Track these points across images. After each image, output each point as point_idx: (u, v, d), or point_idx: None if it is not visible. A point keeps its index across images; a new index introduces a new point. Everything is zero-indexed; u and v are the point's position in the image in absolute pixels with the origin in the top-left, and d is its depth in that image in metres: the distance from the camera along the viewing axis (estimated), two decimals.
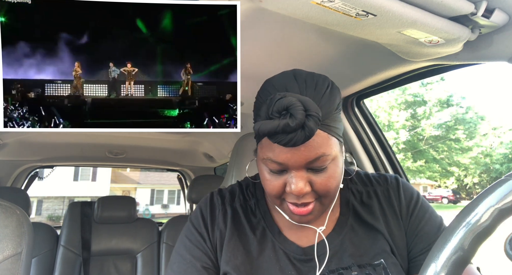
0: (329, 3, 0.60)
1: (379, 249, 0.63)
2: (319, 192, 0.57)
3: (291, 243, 0.64)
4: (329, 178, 0.57)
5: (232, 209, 0.68)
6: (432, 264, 0.35)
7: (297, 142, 0.52)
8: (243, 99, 1.36)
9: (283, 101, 0.51)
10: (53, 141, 2.08)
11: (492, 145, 18.46)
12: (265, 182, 0.60)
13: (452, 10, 0.65)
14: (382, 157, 1.30)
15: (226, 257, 0.63)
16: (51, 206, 17.99)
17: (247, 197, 0.71)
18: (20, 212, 0.78)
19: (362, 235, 0.65)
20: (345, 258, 0.62)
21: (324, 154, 0.55)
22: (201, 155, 2.57)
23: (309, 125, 0.51)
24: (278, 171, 0.57)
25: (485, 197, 0.35)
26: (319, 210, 0.60)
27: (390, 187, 0.70)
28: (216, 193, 0.72)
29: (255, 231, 0.66)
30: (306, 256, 0.63)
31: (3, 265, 0.71)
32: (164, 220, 2.61)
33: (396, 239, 0.65)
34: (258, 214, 0.68)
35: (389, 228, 0.65)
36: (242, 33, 0.65)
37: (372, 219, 0.66)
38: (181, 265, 0.64)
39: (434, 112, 18.16)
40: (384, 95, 17.02)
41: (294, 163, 0.55)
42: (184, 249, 0.66)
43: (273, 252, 0.63)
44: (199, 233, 0.66)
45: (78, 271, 1.76)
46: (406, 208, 0.67)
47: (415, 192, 0.70)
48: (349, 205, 0.68)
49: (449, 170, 18.59)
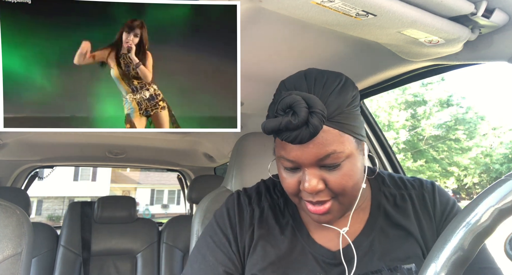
0: (329, 3, 0.60)
1: (411, 252, 0.61)
2: (334, 190, 0.56)
3: (320, 247, 0.63)
4: (344, 176, 0.55)
5: (260, 209, 0.67)
6: (432, 264, 0.35)
7: (303, 139, 0.52)
8: (243, 99, 1.37)
9: (287, 99, 0.52)
10: (53, 141, 2.08)
11: (492, 145, 18.46)
12: (282, 180, 0.60)
13: (452, 10, 0.65)
14: (382, 157, 1.30)
15: (254, 260, 0.62)
16: (51, 206, 17.99)
17: (274, 196, 0.70)
18: (20, 212, 0.78)
19: (393, 237, 0.63)
20: (374, 261, 0.61)
21: (335, 151, 0.54)
22: (201, 155, 2.57)
23: (313, 122, 0.51)
24: (292, 169, 0.57)
25: (485, 197, 0.35)
26: (338, 210, 0.59)
27: (426, 192, 0.69)
28: (243, 193, 0.71)
29: (284, 232, 0.65)
30: (336, 260, 0.62)
31: (3, 265, 0.71)
32: (164, 220, 2.61)
33: (429, 244, 0.63)
34: (286, 214, 0.67)
35: (423, 232, 0.64)
36: (242, 33, 0.65)
37: (405, 221, 0.65)
38: (202, 266, 0.63)
39: (434, 112, 18.16)
40: (384, 95, 17.02)
41: (304, 160, 0.55)
42: (207, 249, 0.65)
43: (302, 255, 0.63)
44: (224, 235, 0.65)
45: (78, 271, 1.76)
46: (440, 214, 0.66)
47: (451, 199, 0.69)
48: (380, 207, 0.67)
49: (449, 170, 18.59)
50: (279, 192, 0.70)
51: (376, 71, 1.02)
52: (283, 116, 0.52)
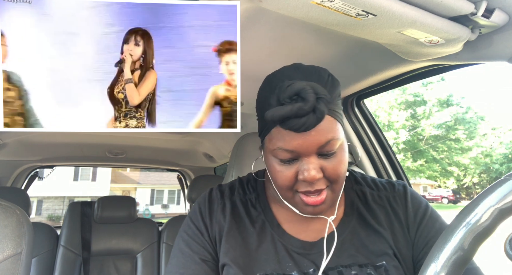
0: (329, 3, 0.60)
1: (381, 251, 0.62)
2: (331, 177, 0.58)
3: (290, 237, 0.64)
4: (339, 162, 0.58)
5: (231, 203, 0.69)
6: (432, 264, 0.35)
7: (309, 126, 0.53)
8: (243, 99, 1.37)
9: (294, 87, 0.53)
10: (53, 141, 2.08)
11: (492, 145, 18.46)
12: (276, 174, 0.60)
13: (452, 10, 0.65)
14: (382, 157, 1.30)
15: (225, 249, 0.63)
16: (51, 206, 17.99)
17: (247, 191, 0.71)
18: (20, 212, 0.78)
19: (364, 238, 0.64)
20: (344, 258, 0.61)
21: (333, 138, 0.56)
22: (201, 155, 2.57)
23: (320, 108, 0.53)
24: (289, 160, 0.58)
25: (485, 197, 0.36)
26: (331, 198, 0.60)
27: (397, 194, 0.69)
28: (216, 188, 0.72)
29: (254, 224, 0.66)
30: (305, 250, 0.63)
31: (3, 265, 0.71)
32: (164, 220, 2.61)
33: (400, 246, 0.64)
34: (258, 208, 0.68)
35: (393, 233, 0.65)
36: (242, 33, 0.65)
37: (375, 223, 0.65)
38: (180, 259, 0.64)
39: (434, 112, 18.17)
40: (384, 95, 17.03)
41: (306, 149, 0.55)
42: (182, 243, 0.66)
43: (272, 245, 0.63)
44: (196, 227, 0.67)
45: (78, 271, 1.76)
46: (413, 217, 0.66)
47: (423, 202, 0.69)
48: (354, 206, 0.68)
49: (449, 170, 18.59)
50: (251, 188, 0.72)
51: (376, 71, 1.02)
52: (293, 103, 0.53)
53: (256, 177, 0.74)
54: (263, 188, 0.71)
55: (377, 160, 1.30)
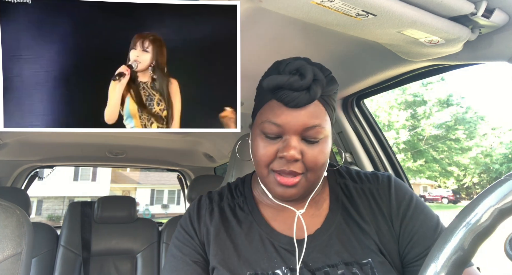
0: (329, 3, 0.60)
1: (367, 248, 0.62)
2: (308, 164, 0.59)
3: (278, 234, 0.65)
4: (319, 152, 0.59)
5: (219, 208, 0.70)
6: (432, 264, 0.35)
7: (299, 102, 0.56)
8: (243, 99, 1.37)
9: (296, 62, 0.58)
10: (53, 141, 2.08)
11: (492, 145, 18.46)
12: (257, 149, 0.61)
13: (452, 10, 0.65)
14: (382, 157, 1.30)
15: (214, 252, 0.64)
16: (51, 206, 17.99)
17: (235, 196, 0.72)
18: (20, 212, 0.78)
19: (350, 233, 0.64)
20: (331, 255, 0.61)
21: (320, 125, 0.58)
22: (201, 155, 2.57)
23: (314, 88, 0.56)
24: (274, 136, 0.60)
25: (485, 197, 0.35)
26: (304, 186, 0.61)
27: (380, 187, 0.69)
28: (205, 195, 0.74)
29: (242, 225, 0.66)
30: (291, 247, 0.63)
31: (3, 265, 0.71)
32: (164, 220, 2.61)
33: (385, 241, 0.63)
34: (246, 210, 0.69)
35: (378, 227, 0.64)
36: (242, 33, 0.65)
37: (360, 218, 0.65)
38: (172, 263, 0.65)
39: (434, 112, 18.16)
40: (384, 95, 17.03)
41: (292, 127, 0.58)
42: (174, 249, 0.67)
43: (260, 243, 0.64)
44: (186, 232, 0.68)
45: (78, 271, 1.76)
46: (396, 209, 0.66)
47: (408, 192, 0.68)
48: (339, 201, 0.68)
49: (449, 170, 18.59)
50: (239, 192, 0.73)
51: (376, 71, 1.02)
52: (290, 75, 0.56)
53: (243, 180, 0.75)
54: (250, 190, 0.72)
55: (377, 160, 1.30)
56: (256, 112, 0.65)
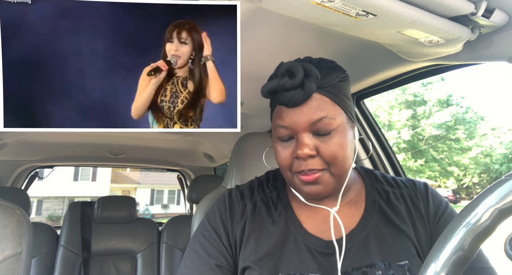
0: (329, 3, 0.60)
1: (405, 250, 0.62)
2: (326, 158, 0.59)
3: (312, 236, 0.64)
4: (335, 145, 0.59)
5: (252, 204, 0.68)
6: (432, 264, 0.35)
7: (297, 100, 0.57)
8: (243, 99, 1.37)
9: (285, 64, 0.60)
10: (53, 141, 2.08)
11: (492, 146, 18.46)
12: (277, 154, 0.62)
13: (452, 10, 0.65)
14: (382, 157, 1.30)
15: (247, 252, 0.63)
16: (51, 206, 17.98)
17: (267, 190, 0.71)
18: (20, 212, 0.78)
19: (387, 234, 0.64)
20: (369, 255, 0.61)
21: (327, 116, 0.58)
22: (201, 155, 2.57)
23: (308, 84, 0.57)
24: (287, 138, 0.61)
25: (485, 197, 0.35)
26: (329, 182, 0.60)
27: (419, 192, 0.69)
28: (235, 189, 0.72)
29: (277, 223, 0.65)
30: (328, 249, 0.62)
31: (3, 265, 0.71)
32: (164, 220, 2.61)
33: (422, 243, 0.64)
34: (279, 206, 0.68)
35: (416, 231, 0.65)
36: (242, 33, 0.65)
37: (399, 220, 0.65)
38: (195, 261, 0.63)
39: (434, 112, 18.16)
40: (384, 94, 17.03)
41: (298, 125, 0.58)
42: (198, 245, 0.65)
43: (294, 245, 0.63)
44: (214, 230, 0.66)
45: (78, 271, 1.76)
46: (434, 214, 0.67)
47: (444, 200, 0.70)
48: (375, 203, 0.68)
49: (449, 170, 18.59)
50: (272, 186, 0.72)
51: (376, 71, 1.02)
52: (281, 77, 0.59)
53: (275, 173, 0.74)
54: (283, 185, 0.71)
55: (377, 160, 1.30)
56: (271, 119, 0.66)
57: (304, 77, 0.57)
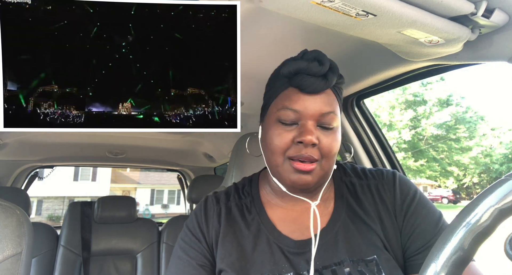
0: (329, 3, 0.60)
1: (372, 245, 0.62)
2: (324, 151, 0.60)
3: (284, 237, 0.64)
4: (333, 140, 0.62)
5: (226, 208, 0.69)
6: (432, 264, 0.35)
7: (316, 88, 0.59)
8: (243, 99, 1.37)
9: (312, 52, 0.62)
10: (53, 141, 2.08)
11: (492, 146, 18.47)
12: (275, 137, 0.62)
13: (452, 10, 0.65)
14: (382, 157, 1.30)
15: (221, 255, 0.64)
16: (51, 206, 17.99)
17: (242, 196, 0.72)
18: (20, 212, 0.78)
19: (355, 230, 0.64)
20: (338, 253, 0.61)
21: (334, 112, 0.61)
22: (201, 155, 2.57)
23: (331, 75, 0.60)
24: (290, 122, 0.61)
25: (485, 197, 0.35)
26: (318, 174, 0.62)
27: (385, 182, 0.69)
28: (211, 195, 0.73)
29: (250, 227, 0.66)
30: (299, 249, 0.63)
31: (3, 265, 0.71)
32: (164, 220, 2.61)
33: (389, 235, 0.64)
34: (253, 211, 0.69)
35: (382, 223, 0.65)
36: (242, 33, 0.65)
37: (365, 215, 0.65)
38: (178, 266, 0.65)
39: (434, 112, 18.17)
40: (384, 94, 17.03)
41: (309, 112, 0.60)
42: (180, 251, 0.67)
43: (267, 246, 0.64)
44: (193, 235, 0.68)
45: (78, 271, 1.76)
46: (400, 205, 0.66)
47: (412, 188, 0.68)
48: (343, 199, 0.68)
49: (449, 170, 18.60)
50: (246, 192, 0.73)
51: (376, 71, 1.02)
52: (310, 62, 0.60)
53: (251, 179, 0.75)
54: (257, 191, 0.72)
55: (377, 160, 1.30)
56: (269, 104, 0.67)
57: (329, 68, 0.60)
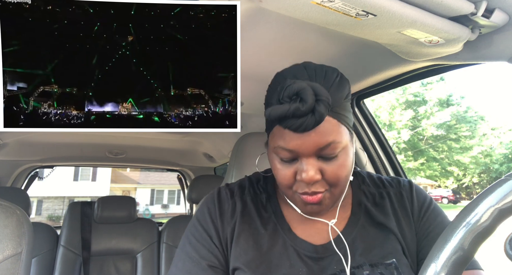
0: (329, 3, 0.60)
1: (391, 248, 0.62)
2: (330, 181, 0.57)
3: (301, 241, 0.63)
4: (340, 167, 0.57)
5: (242, 202, 0.67)
6: (432, 264, 0.35)
7: (307, 126, 0.53)
8: (243, 99, 1.37)
9: (293, 86, 0.53)
10: (53, 141, 2.08)
11: (492, 146, 18.47)
12: (276, 172, 0.60)
13: (452, 10, 0.65)
14: (382, 157, 1.30)
15: (236, 253, 0.62)
16: (51, 206, 17.99)
17: (257, 191, 0.70)
18: (20, 212, 0.78)
19: (374, 235, 0.64)
20: (356, 257, 0.61)
21: (334, 141, 0.55)
22: (201, 155, 2.57)
23: (319, 110, 0.52)
24: (289, 160, 0.58)
25: (485, 197, 0.35)
26: (330, 200, 0.60)
27: (403, 190, 0.70)
28: (224, 187, 0.71)
29: (266, 226, 0.65)
30: (318, 254, 0.62)
31: (3, 265, 0.71)
32: (164, 220, 2.61)
33: (408, 240, 0.64)
34: (269, 209, 0.67)
35: (401, 229, 0.65)
36: (242, 33, 0.65)
37: (384, 219, 0.65)
38: (186, 263, 0.63)
39: (435, 112, 18.17)
40: (384, 94, 17.03)
41: (304, 150, 0.55)
42: (189, 246, 0.64)
43: (284, 249, 0.62)
44: (205, 231, 0.65)
45: (78, 271, 1.76)
46: (418, 211, 0.67)
47: (428, 196, 0.70)
48: (361, 205, 0.68)
49: (449, 170, 18.60)
50: (261, 188, 0.71)
51: (376, 71, 1.02)
52: (291, 103, 0.53)
53: (265, 174, 0.73)
54: (273, 188, 0.70)
55: (377, 160, 1.30)
56: (268, 132, 0.62)
57: (315, 102, 0.52)
